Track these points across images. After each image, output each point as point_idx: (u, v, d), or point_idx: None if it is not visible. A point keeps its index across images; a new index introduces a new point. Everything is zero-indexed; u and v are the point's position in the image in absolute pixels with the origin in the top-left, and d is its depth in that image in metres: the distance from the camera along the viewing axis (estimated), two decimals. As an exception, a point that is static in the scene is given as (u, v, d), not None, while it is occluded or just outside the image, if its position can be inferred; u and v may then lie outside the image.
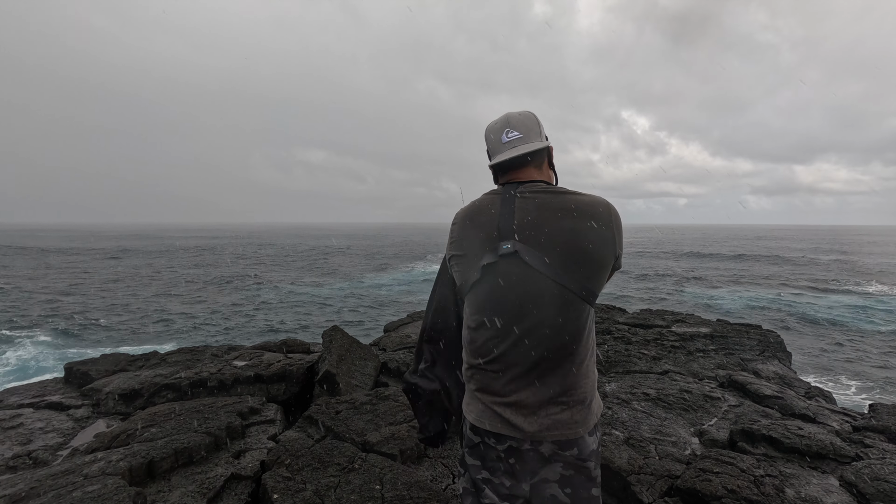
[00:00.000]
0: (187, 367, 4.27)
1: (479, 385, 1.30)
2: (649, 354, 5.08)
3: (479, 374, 1.30)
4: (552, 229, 1.24)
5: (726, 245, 77.62)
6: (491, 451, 1.29)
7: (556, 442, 1.24)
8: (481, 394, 1.30)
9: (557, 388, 1.24)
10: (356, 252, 60.26)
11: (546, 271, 1.22)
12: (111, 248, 63.46)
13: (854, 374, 12.32)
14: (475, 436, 1.31)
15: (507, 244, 1.24)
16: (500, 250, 1.25)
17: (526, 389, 1.24)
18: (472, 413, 1.32)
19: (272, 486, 2.35)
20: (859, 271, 38.38)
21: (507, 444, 1.26)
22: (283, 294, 27.02)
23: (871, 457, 2.75)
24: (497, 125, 1.38)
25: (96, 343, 15.87)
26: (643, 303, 23.17)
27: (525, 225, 1.25)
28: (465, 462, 1.36)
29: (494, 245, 1.27)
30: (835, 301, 24.47)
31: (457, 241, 1.37)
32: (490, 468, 1.30)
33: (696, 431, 3.30)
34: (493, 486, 1.29)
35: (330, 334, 4.42)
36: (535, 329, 1.22)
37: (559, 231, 1.23)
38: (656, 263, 45.63)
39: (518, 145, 1.32)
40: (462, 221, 1.38)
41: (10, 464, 2.82)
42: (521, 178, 1.35)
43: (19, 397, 3.81)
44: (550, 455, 1.25)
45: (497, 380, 1.27)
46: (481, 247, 1.29)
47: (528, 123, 1.35)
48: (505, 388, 1.26)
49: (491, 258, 1.26)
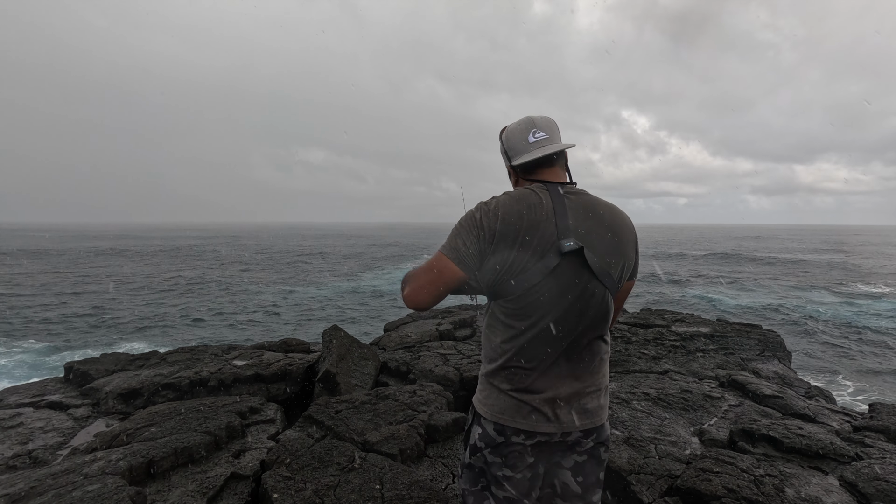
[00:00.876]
0: (187, 366, 4.27)
1: (514, 384, 1.28)
2: (649, 354, 5.08)
3: (517, 375, 1.28)
4: (601, 232, 1.28)
5: (726, 245, 77.65)
6: (515, 447, 1.29)
7: (584, 430, 1.29)
8: (516, 392, 1.28)
9: (589, 380, 1.30)
10: (356, 251, 60.30)
11: (598, 272, 1.25)
12: (111, 247, 63.51)
13: (854, 373, 12.32)
14: (499, 435, 1.30)
15: (570, 242, 1.22)
16: (563, 248, 1.21)
17: (564, 385, 1.27)
18: (501, 411, 1.30)
19: (272, 486, 2.35)
20: (859, 271, 38.39)
21: (536, 440, 1.28)
22: (283, 293, 27.03)
23: (871, 457, 2.75)
24: (521, 126, 1.38)
25: (96, 342, 15.88)
26: (643, 303, 23.18)
27: (580, 225, 1.26)
28: (486, 460, 1.33)
29: (555, 243, 1.23)
30: (835, 301, 24.48)
31: (513, 229, 1.23)
32: (512, 465, 1.30)
33: (696, 431, 3.30)
34: (515, 483, 1.30)
35: (330, 334, 4.42)
36: (587, 332, 1.27)
37: (606, 234, 1.28)
38: (656, 263, 45.65)
39: (546, 145, 1.34)
40: (518, 211, 1.24)
41: (10, 463, 2.82)
42: (550, 177, 1.36)
43: (19, 396, 3.81)
44: (574, 443, 1.30)
45: (536, 378, 1.26)
46: (541, 245, 1.23)
47: (552, 126, 1.39)
48: (543, 385, 1.26)
49: (554, 259, 1.22)
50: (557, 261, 1.22)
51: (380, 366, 4.52)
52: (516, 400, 1.28)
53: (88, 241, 79.34)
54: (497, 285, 1.26)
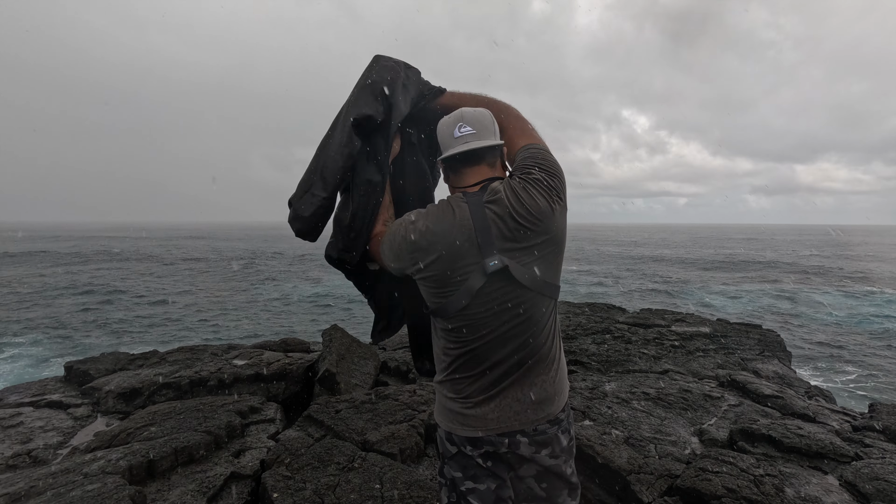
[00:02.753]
0: (187, 366, 4.27)
1: (457, 393, 1.31)
2: (649, 354, 5.08)
3: (459, 384, 1.30)
4: (529, 235, 1.20)
5: (726, 245, 77.63)
6: (470, 459, 1.29)
7: (531, 435, 1.28)
8: (460, 400, 1.30)
9: (534, 381, 1.28)
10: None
11: (532, 285, 1.20)
12: (111, 247, 63.46)
13: (854, 373, 12.33)
14: (451, 445, 1.33)
15: (494, 261, 1.18)
16: (487, 268, 1.18)
17: (506, 390, 1.27)
18: (449, 419, 1.33)
19: (272, 485, 2.35)
20: (859, 271, 38.38)
21: (483, 449, 1.28)
22: (283, 293, 27.02)
23: (871, 456, 2.75)
24: (450, 120, 1.32)
25: (96, 342, 15.87)
26: (643, 302, 23.17)
27: (504, 235, 1.19)
28: (452, 476, 1.34)
29: (478, 262, 1.19)
30: (835, 301, 24.47)
31: (426, 252, 1.21)
32: (473, 476, 1.30)
33: (695, 431, 3.30)
34: (479, 495, 1.30)
35: (330, 333, 4.42)
36: (526, 344, 1.25)
37: (535, 234, 1.20)
38: (656, 264, 45.64)
39: (470, 141, 1.28)
40: (428, 233, 1.22)
41: (10, 462, 2.82)
42: (476, 177, 1.30)
43: (19, 396, 3.81)
44: (526, 457, 1.29)
45: (478, 387, 1.28)
46: (465, 266, 1.19)
47: (482, 121, 1.31)
48: (484, 392, 1.27)
49: (479, 280, 1.18)
50: (483, 281, 1.18)
51: (380, 365, 4.52)
52: (459, 406, 1.29)
53: (88, 241, 79.19)
54: (431, 305, 1.28)
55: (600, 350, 5.15)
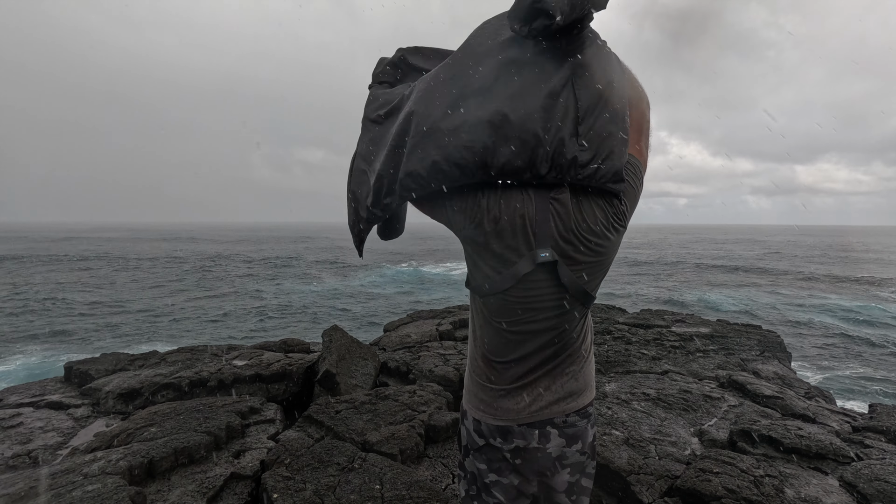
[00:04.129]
0: (187, 366, 4.27)
1: (488, 377, 1.28)
2: (649, 354, 5.08)
3: (492, 368, 1.27)
4: (581, 247, 1.15)
5: (726, 246, 77.61)
6: (496, 452, 1.28)
7: (560, 427, 1.26)
8: (489, 384, 1.28)
9: (570, 380, 1.27)
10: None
11: (572, 289, 1.17)
12: (111, 247, 63.45)
13: (854, 374, 12.33)
14: (479, 437, 1.31)
15: (545, 252, 1.13)
16: (537, 258, 1.13)
17: (541, 380, 1.25)
18: (476, 405, 1.31)
19: (272, 486, 2.35)
20: (859, 272, 38.37)
21: (514, 445, 1.26)
22: (283, 293, 27.02)
23: (871, 457, 2.75)
24: None
25: (96, 343, 15.87)
26: (643, 303, 23.17)
27: (559, 235, 1.14)
28: (476, 466, 1.32)
29: (530, 250, 1.13)
30: (835, 301, 24.47)
31: (483, 220, 1.13)
32: (497, 469, 1.29)
33: (695, 431, 3.30)
34: (502, 488, 1.29)
35: (330, 334, 4.42)
36: (558, 338, 1.23)
37: (588, 250, 1.16)
38: (656, 264, 45.64)
39: None
40: (509, 207, 1.13)
41: (10, 463, 2.82)
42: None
43: (19, 396, 3.81)
44: (558, 456, 1.27)
45: (508, 371, 1.25)
46: (515, 247, 1.14)
47: None
48: (514, 377, 1.25)
49: (527, 267, 1.13)
50: (530, 269, 1.13)
51: (380, 366, 4.52)
52: (491, 395, 1.27)
53: (87, 241, 79.10)
54: (471, 279, 1.24)
55: (600, 351, 5.15)
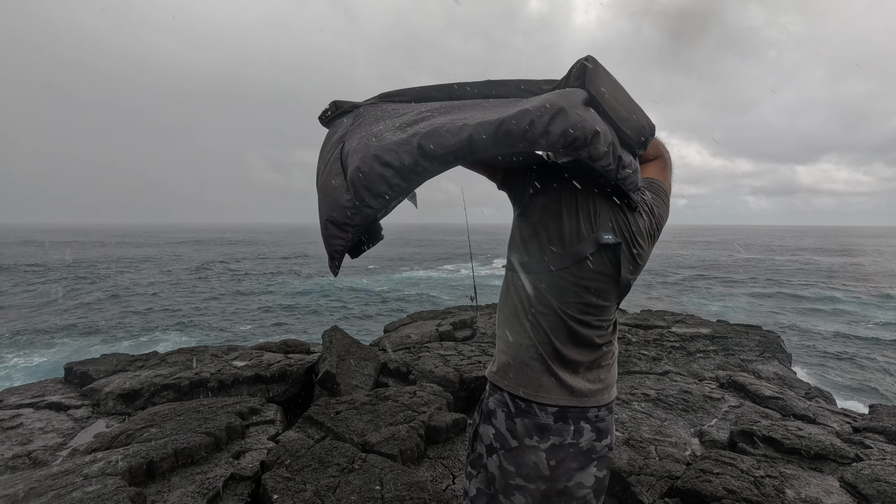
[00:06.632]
0: (187, 367, 4.27)
1: (531, 356, 1.27)
2: (649, 355, 5.08)
3: (544, 347, 1.26)
4: (636, 239, 1.27)
5: (726, 246, 77.61)
6: (529, 451, 1.26)
7: (596, 414, 1.28)
8: (533, 362, 1.28)
9: (605, 372, 1.31)
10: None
11: (623, 281, 1.25)
12: (111, 248, 63.48)
13: (854, 374, 12.33)
14: (513, 438, 1.30)
15: (608, 235, 1.20)
16: (601, 239, 1.20)
17: (588, 371, 1.28)
18: (515, 381, 1.29)
19: (272, 487, 2.35)
20: (859, 272, 38.36)
21: (550, 443, 1.26)
22: (283, 293, 27.03)
23: (872, 458, 2.75)
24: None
25: (96, 343, 15.87)
26: (643, 303, 23.17)
27: (616, 227, 1.24)
28: (499, 464, 1.30)
29: (592, 232, 1.21)
30: (835, 302, 24.47)
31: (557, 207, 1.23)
32: (526, 475, 1.28)
33: (696, 432, 3.30)
34: (527, 492, 1.28)
35: (330, 334, 4.42)
36: (599, 327, 1.28)
37: (638, 242, 1.28)
38: (656, 265, 45.63)
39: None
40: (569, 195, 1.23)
41: (10, 464, 2.82)
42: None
43: (19, 397, 3.81)
44: (588, 449, 1.28)
45: (550, 352, 1.25)
46: (578, 229, 1.21)
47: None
48: (557, 357, 1.26)
49: (590, 248, 1.20)
50: (592, 250, 1.19)
51: (380, 367, 4.52)
52: (539, 371, 1.25)
53: (89, 241, 79.12)
54: (524, 256, 1.26)
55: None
